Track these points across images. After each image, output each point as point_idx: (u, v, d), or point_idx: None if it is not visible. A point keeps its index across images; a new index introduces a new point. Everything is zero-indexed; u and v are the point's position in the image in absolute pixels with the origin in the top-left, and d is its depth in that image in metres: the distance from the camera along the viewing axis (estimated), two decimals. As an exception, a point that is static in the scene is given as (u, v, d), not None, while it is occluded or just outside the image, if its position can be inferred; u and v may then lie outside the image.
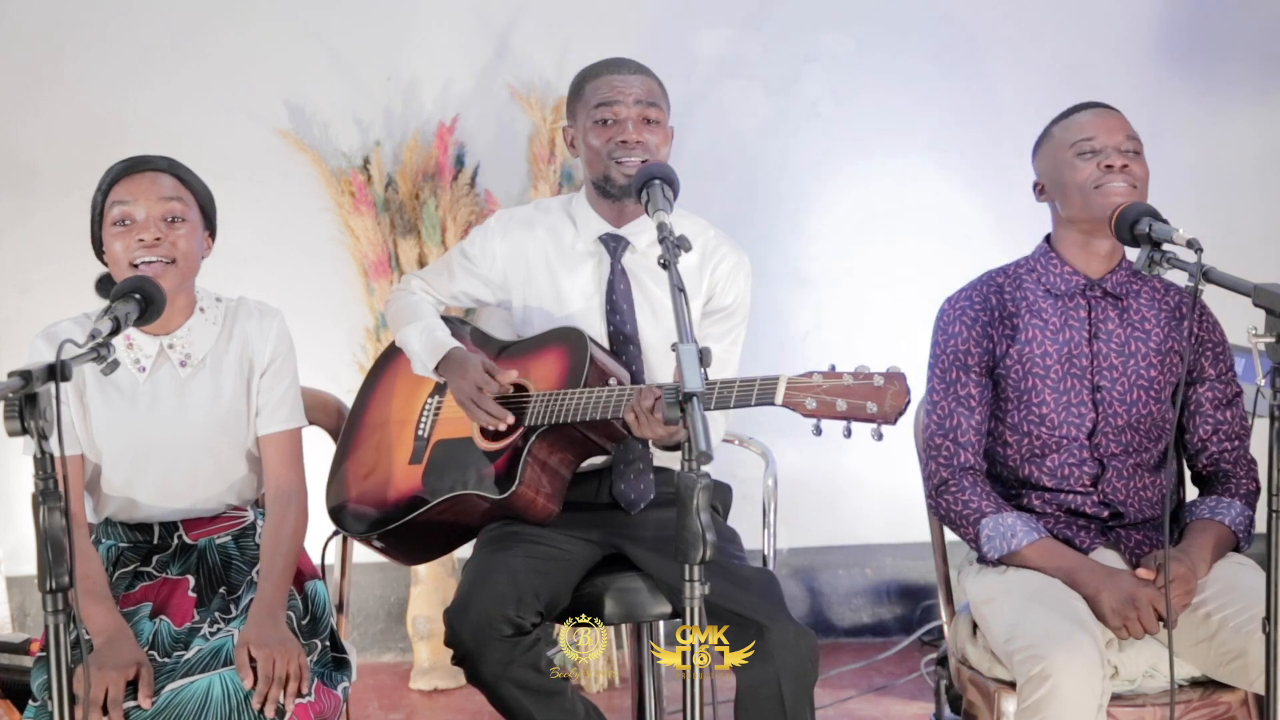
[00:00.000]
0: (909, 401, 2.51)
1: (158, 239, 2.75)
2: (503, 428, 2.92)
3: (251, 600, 2.76)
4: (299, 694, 2.59)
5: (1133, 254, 2.74)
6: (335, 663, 2.82)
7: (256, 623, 2.68)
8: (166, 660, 2.66)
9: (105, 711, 2.52)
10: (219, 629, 2.73)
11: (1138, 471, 2.96)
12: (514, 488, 2.89)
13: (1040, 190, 3.03)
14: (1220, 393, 3.00)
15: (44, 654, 2.65)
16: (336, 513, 3.10)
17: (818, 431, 2.53)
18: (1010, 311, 2.99)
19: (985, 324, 2.99)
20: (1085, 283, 2.97)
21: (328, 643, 2.83)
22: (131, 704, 2.54)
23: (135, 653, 2.61)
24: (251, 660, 2.59)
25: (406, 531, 3.02)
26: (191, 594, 2.83)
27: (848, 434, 2.53)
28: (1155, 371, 2.96)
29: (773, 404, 2.58)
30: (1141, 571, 2.82)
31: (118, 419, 2.83)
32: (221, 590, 2.83)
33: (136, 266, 2.74)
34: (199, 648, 2.68)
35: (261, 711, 2.56)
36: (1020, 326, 2.97)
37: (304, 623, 2.83)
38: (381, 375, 3.23)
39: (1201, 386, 3.00)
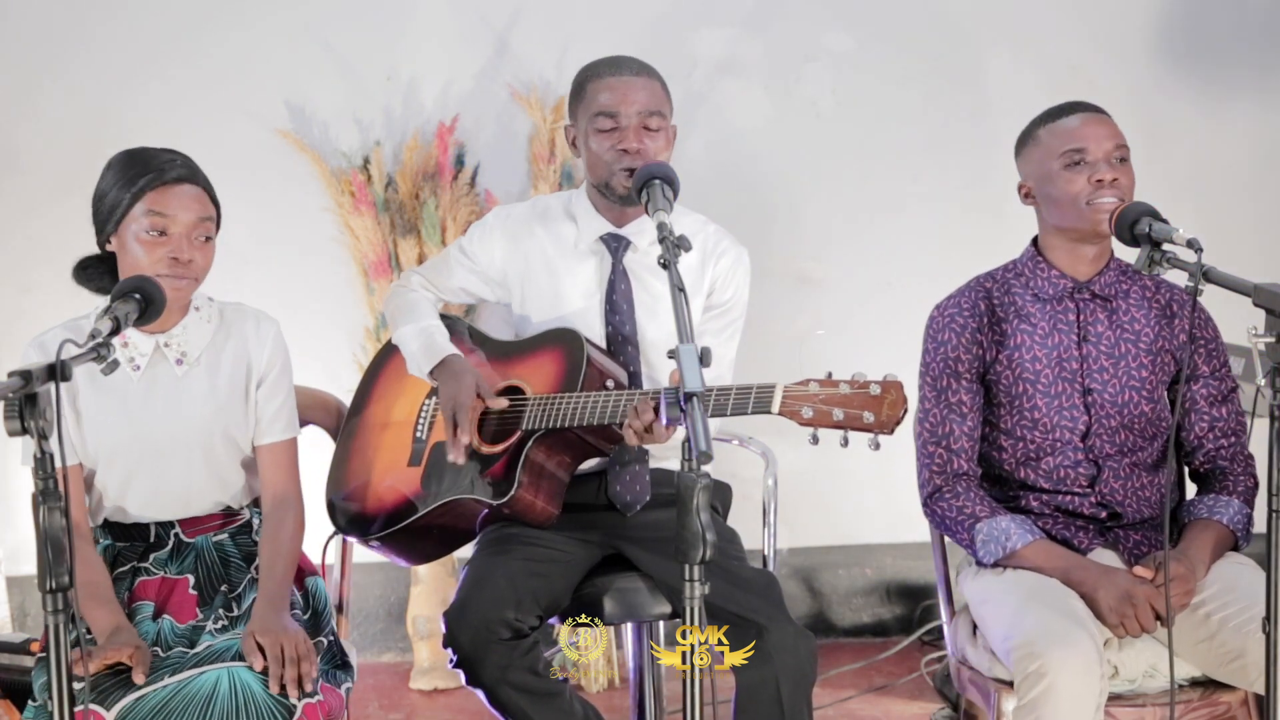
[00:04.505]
0: (906, 411, 2.48)
1: (190, 260, 2.75)
2: (458, 459, 2.91)
3: (254, 600, 2.78)
4: (308, 692, 2.59)
5: (1131, 254, 2.73)
6: (337, 662, 2.82)
7: (261, 614, 2.71)
8: (169, 655, 2.66)
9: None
10: (224, 626, 2.74)
11: (1135, 471, 2.96)
12: (512, 492, 2.88)
13: (1026, 194, 3.01)
14: (1215, 389, 3.00)
15: (44, 654, 2.66)
16: (335, 514, 3.09)
17: (814, 440, 2.52)
18: (999, 317, 2.98)
19: (974, 330, 2.98)
20: (1073, 286, 2.97)
21: (332, 637, 2.84)
22: (134, 696, 2.54)
23: (134, 639, 2.63)
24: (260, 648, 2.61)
25: (405, 534, 3.01)
26: (192, 591, 2.83)
27: (845, 444, 2.51)
28: (1147, 371, 2.96)
29: (769, 412, 2.56)
30: (1139, 569, 2.82)
31: (111, 419, 2.82)
32: (223, 589, 2.83)
33: (158, 275, 2.69)
34: (208, 643, 2.69)
35: (275, 701, 2.56)
36: (1009, 332, 2.96)
37: (306, 618, 2.84)
38: (379, 374, 3.22)
39: (1196, 383, 2.99)
